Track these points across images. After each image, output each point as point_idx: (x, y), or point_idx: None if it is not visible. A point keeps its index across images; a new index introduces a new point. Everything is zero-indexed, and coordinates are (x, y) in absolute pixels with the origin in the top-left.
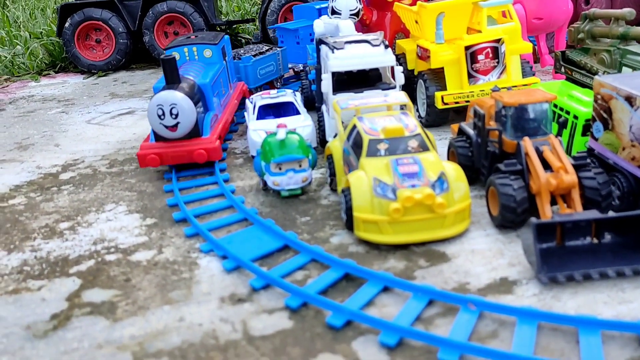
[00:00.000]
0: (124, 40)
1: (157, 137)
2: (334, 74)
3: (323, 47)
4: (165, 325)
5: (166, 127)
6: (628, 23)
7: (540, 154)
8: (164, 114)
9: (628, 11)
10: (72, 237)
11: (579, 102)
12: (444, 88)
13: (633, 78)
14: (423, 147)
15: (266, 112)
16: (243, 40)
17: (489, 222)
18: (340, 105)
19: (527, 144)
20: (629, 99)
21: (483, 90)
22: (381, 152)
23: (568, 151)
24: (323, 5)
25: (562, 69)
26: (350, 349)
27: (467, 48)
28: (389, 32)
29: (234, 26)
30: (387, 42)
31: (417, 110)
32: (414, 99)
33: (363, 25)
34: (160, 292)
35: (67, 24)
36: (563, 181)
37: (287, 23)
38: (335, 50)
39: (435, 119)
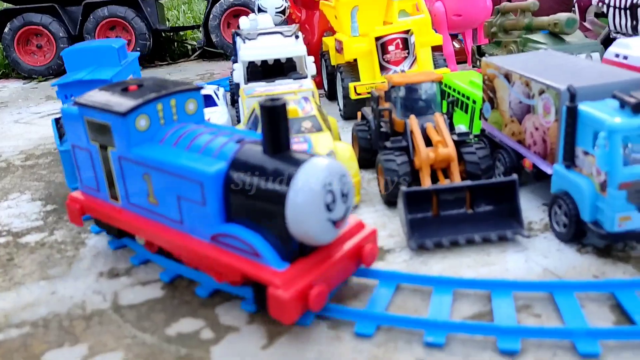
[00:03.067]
0: (64, 46)
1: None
2: (246, 63)
3: (237, 39)
4: (36, 299)
5: (334, 222)
6: (535, 14)
7: (424, 130)
8: (334, 199)
9: (532, 2)
10: None
11: (478, 87)
12: (358, 79)
13: (515, 58)
14: (317, 128)
15: None
16: (189, 47)
17: (380, 200)
18: (246, 92)
19: (413, 121)
20: (507, 76)
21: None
22: None
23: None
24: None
25: (478, 63)
26: (213, 313)
27: (377, 39)
28: (317, 30)
29: (181, 33)
30: (299, 34)
31: (338, 104)
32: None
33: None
34: (40, 269)
35: (6, 29)
36: (439, 154)
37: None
38: (246, 41)
39: (352, 110)
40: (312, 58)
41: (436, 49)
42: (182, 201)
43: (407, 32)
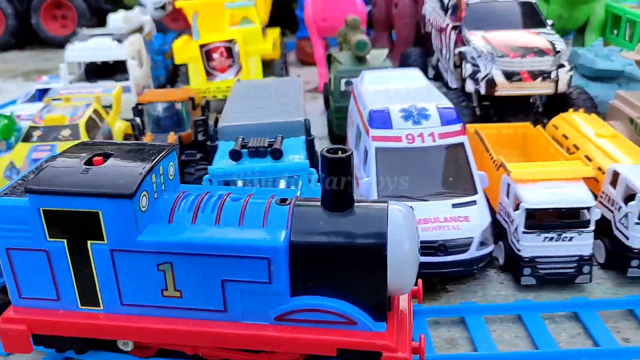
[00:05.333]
0: (12, 22)
1: None
2: (72, 64)
3: None
4: None
5: None
6: None
7: None
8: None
9: (352, 18)
10: None
11: None
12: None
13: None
14: (74, 137)
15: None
16: None
17: None
18: (49, 95)
19: (148, 138)
20: None
21: (219, 87)
22: (34, 138)
23: None
24: None
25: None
26: None
27: (202, 46)
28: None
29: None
30: (125, 38)
31: None
32: None
33: None
34: None
35: None
36: None
37: None
38: (75, 42)
39: None
40: (134, 62)
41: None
42: (229, 285)
43: (230, 41)
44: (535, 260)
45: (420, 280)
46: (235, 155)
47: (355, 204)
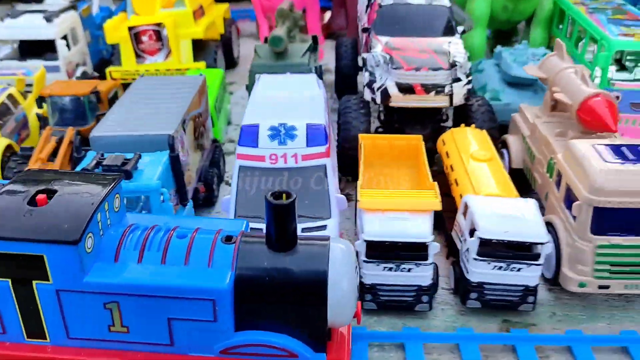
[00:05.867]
0: None
1: None
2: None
3: None
4: None
5: None
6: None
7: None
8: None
9: (280, 9)
10: None
11: None
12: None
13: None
14: None
15: None
16: None
17: None
18: None
19: (45, 132)
20: None
21: (148, 70)
22: None
23: None
24: None
25: None
26: None
27: (130, 28)
28: None
29: None
30: (57, 16)
31: None
32: None
33: None
34: None
35: None
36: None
37: None
38: (7, 19)
39: None
40: (63, 42)
41: None
42: (175, 322)
43: (159, 24)
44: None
45: (359, 302)
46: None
47: (299, 241)
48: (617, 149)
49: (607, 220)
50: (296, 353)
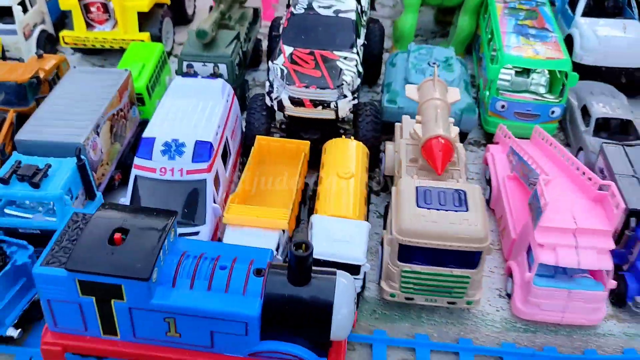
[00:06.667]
0: None
1: None
2: None
3: None
4: None
5: None
6: None
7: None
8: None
9: None
10: None
11: None
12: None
13: None
14: None
15: None
16: None
17: None
18: None
19: None
20: None
21: (97, 38)
22: None
23: None
24: None
25: None
26: None
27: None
28: None
29: None
30: None
31: None
32: None
33: None
34: None
35: None
36: None
37: None
38: None
39: None
40: (19, 8)
41: None
42: (217, 334)
43: None
44: None
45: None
46: (3, 181)
47: (313, 275)
48: (435, 193)
49: (409, 253)
50: (305, 358)
